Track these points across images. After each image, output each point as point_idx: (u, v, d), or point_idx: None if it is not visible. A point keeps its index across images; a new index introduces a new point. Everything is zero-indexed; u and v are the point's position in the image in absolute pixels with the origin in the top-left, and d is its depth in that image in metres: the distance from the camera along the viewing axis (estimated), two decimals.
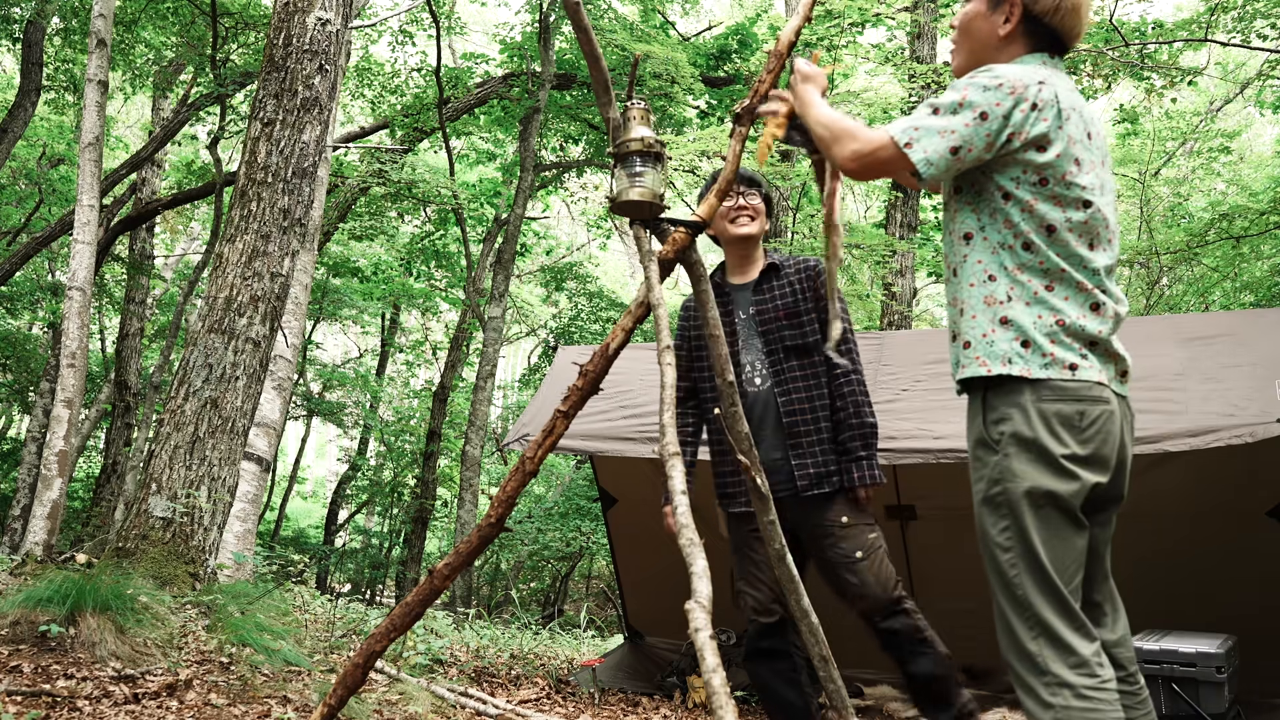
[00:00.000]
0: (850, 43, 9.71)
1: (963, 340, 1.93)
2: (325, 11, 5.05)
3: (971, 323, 1.92)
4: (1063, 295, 1.87)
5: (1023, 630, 1.80)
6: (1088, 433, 1.84)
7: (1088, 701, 1.74)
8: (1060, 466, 1.82)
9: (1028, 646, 1.79)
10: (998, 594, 1.84)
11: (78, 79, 11.96)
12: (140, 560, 4.21)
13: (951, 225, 1.97)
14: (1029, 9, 1.95)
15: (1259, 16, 8.65)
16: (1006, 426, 1.84)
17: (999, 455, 1.84)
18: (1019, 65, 1.92)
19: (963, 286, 1.94)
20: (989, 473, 1.86)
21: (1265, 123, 15.88)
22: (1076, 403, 1.84)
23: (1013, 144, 1.84)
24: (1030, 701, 1.78)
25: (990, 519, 1.85)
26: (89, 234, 6.29)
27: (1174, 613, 4.21)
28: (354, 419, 18.06)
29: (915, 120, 1.88)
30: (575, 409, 2.24)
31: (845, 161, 1.91)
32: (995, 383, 1.88)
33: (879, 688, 4.91)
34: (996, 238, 1.90)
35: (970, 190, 1.94)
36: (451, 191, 11.62)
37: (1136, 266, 12.98)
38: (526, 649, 5.61)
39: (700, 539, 1.66)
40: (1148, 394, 4.06)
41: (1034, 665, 1.78)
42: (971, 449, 1.92)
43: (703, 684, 1.54)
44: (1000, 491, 1.83)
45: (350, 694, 2.31)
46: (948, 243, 1.99)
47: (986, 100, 1.83)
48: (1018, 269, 1.88)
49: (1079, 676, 1.76)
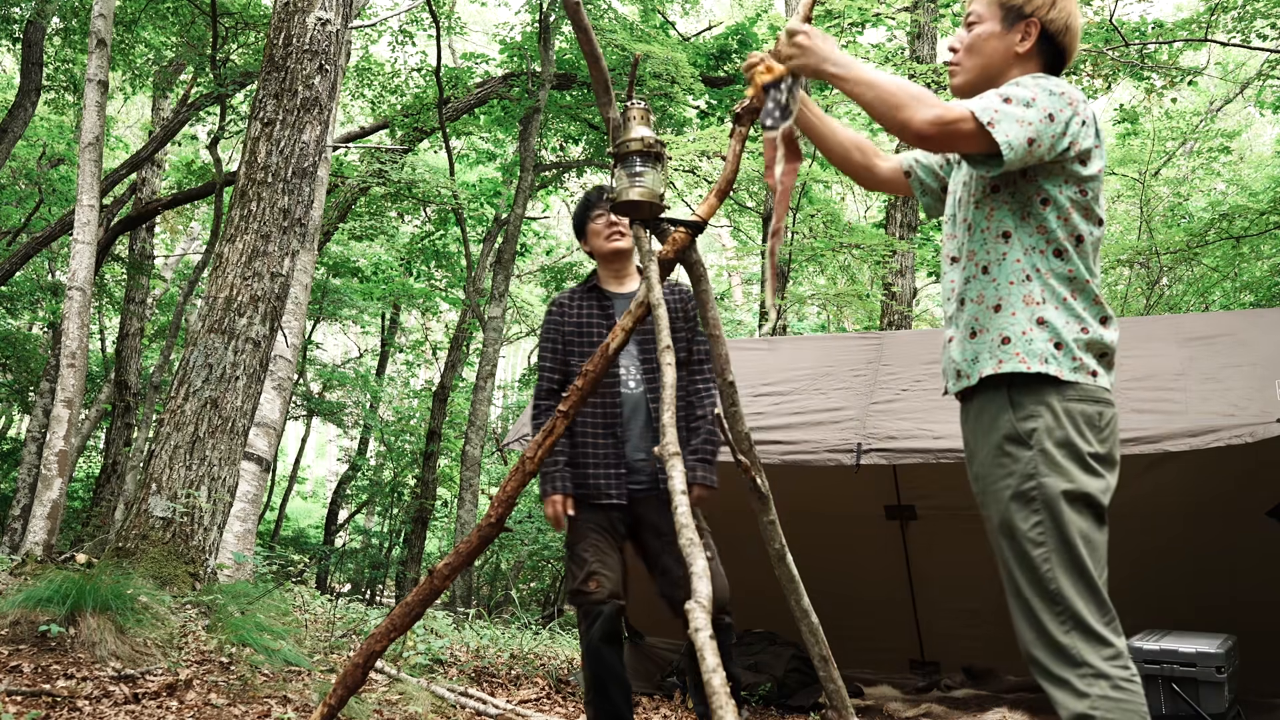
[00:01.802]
0: (850, 43, 9.71)
1: (999, 336, 1.94)
2: (325, 11, 5.05)
3: (1011, 319, 1.93)
4: (1083, 305, 1.93)
5: (1054, 624, 1.80)
6: (1105, 433, 1.91)
7: (1123, 692, 1.75)
8: (1089, 465, 1.86)
9: (1060, 640, 1.78)
10: (1024, 588, 1.85)
11: (78, 79, 11.96)
12: (140, 560, 4.21)
13: (986, 223, 1.98)
14: (1046, 28, 1.99)
15: (1259, 16, 8.65)
16: (1039, 424, 1.87)
17: (1033, 451, 1.86)
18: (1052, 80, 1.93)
19: (1001, 284, 1.95)
20: (1021, 468, 1.86)
21: (1265, 123, 15.88)
22: (1095, 404, 1.90)
23: (1069, 152, 1.87)
24: (1063, 693, 1.77)
25: (1021, 514, 1.85)
26: (89, 234, 6.29)
27: (1174, 613, 4.21)
28: (354, 419, 18.06)
29: (992, 104, 1.85)
30: (575, 409, 2.24)
31: (924, 125, 1.84)
32: (1023, 381, 1.90)
33: (879, 688, 4.91)
34: (1029, 240, 1.93)
35: (1007, 190, 1.95)
36: (451, 191, 11.62)
37: (1136, 266, 12.97)
38: (526, 649, 5.61)
39: (701, 538, 1.66)
40: (1148, 394, 4.06)
41: (1068, 657, 1.77)
42: (996, 445, 1.92)
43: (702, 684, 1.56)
44: (1035, 486, 1.85)
45: (350, 694, 2.31)
46: (979, 240, 2.00)
47: (1053, 104, 1.85)
48: (1049, 274, 1.92)
49: (1115, 668, 1.76)
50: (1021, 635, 1.85)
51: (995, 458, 1.91)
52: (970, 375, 1.97)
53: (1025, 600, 1.84)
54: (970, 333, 1.98)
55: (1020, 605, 1.86)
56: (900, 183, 2.30)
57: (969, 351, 1.98)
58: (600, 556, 2.91)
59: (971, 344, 1.98)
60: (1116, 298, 13.94)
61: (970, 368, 1.98)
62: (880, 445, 4.24)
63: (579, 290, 3.19)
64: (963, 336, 2.00)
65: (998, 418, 1.92)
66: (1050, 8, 1.98)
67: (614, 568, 2.92)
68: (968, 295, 2.01)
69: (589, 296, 3.15)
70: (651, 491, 2.98)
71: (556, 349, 3.11)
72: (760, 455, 2.47)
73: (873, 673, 5.01)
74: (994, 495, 1.91)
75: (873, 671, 5.02)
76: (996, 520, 1.90)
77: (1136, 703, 1.75)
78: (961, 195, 2.07)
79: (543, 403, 3.10)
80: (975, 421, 1.99)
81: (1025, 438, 1.87)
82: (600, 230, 3.14)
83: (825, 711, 4.36)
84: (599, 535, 2.94)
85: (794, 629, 2.68)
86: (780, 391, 4.88)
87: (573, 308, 3.13)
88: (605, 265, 3.19)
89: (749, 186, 11.52)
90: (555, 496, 2.90)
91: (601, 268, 3.21)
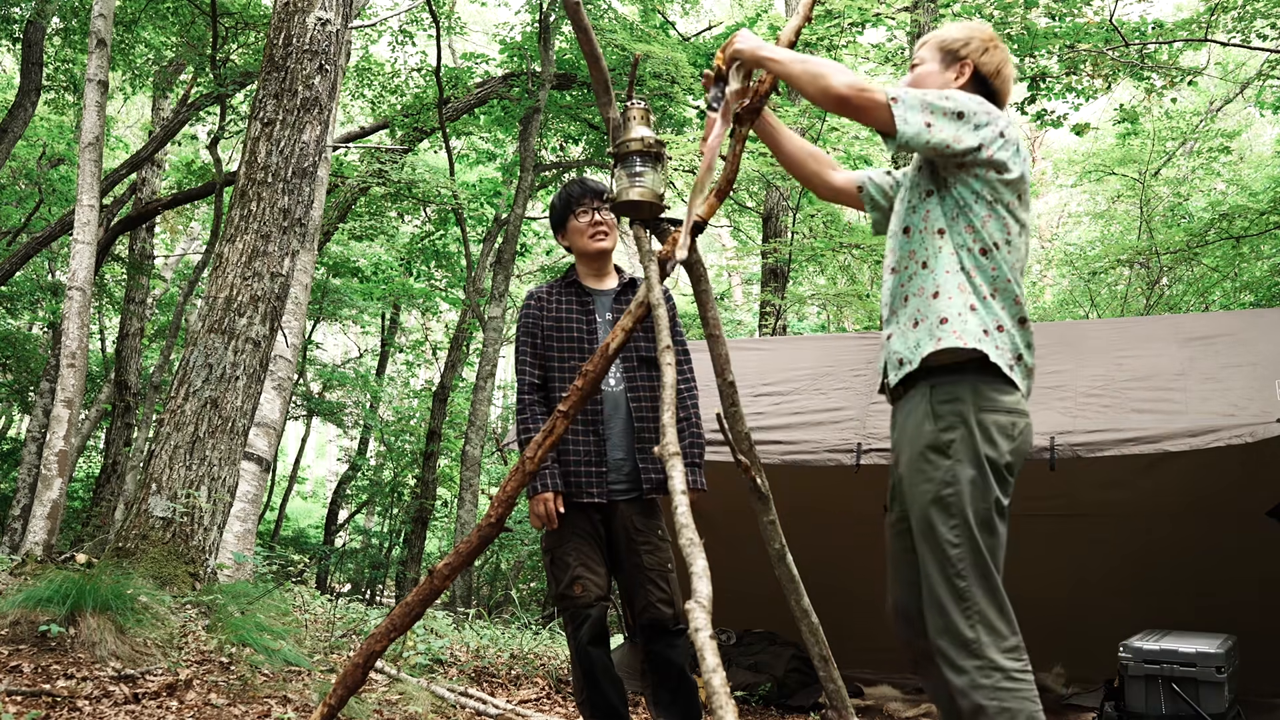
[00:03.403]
0: (850, 43, 9.71)
1: (937, 318, 2.11)
2: (325, 11, 5.05)
3: (948, 303, 2.11)
4: (1001, 304, 2.12)
5: (961, 619, 2.00)
6: (1015, 443, 2.10)
7: (1016, 683, 1.97)
8: (1001, 475, 2.07)
9: (966, 634, 1.99)
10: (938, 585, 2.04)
11: (78, 79, 11.95)
12: (140, 560, 4.21)
13: (924, 224, 2.20)
14: (978, 69, 2.25)
15: (1259, 16, 8.65)
16: (956, 435, 2.06)
17: (950, 461, 2.06)
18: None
19: (938, 274, 2.14)
20: (941, 475, 2.06)
21: (1265, 123, 15.87)
22: (1009, 414, 2.09)
23: (979, 155, 2.10)
24: (961, 680, 1.97)
25: (941, 517, 2.05)
26: (89, 234, 6.29)
27: (1174, 613, 4.21)
28: (354, 419, 18.04)
29: (908, 93, 2.11)
30: (575, 409, 2.24)
31: (843, 87, 2.10)
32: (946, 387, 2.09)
33: (879, 688, 4.91)
34: (958, 239, 2.14)
35: (939, 192, 2.18)
36: (451, 191, 11.61)
37: (1136, 266, 12.96)
38: (526, 649, 5.61)
39: (700, 539, 1.66)
40: (1148, 394, 4.06)
41: (970, 651, 1.98)
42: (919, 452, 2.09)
43: (703, 684, 1.55)
44: (953, 494, 2.04)
45: (350, 694, 2.31)
46: (918, 239, 2.20)
47: (968, 106, 2.10)
48: (974, 270, 2.13)
49: (1010, 660, 1.98)
50: (931, 625, 2.05)
51: (917, 463, 2.09)
52: (912, 360, 2.13)
53: (938, 596, 2.03)
54: (913, 323, 2.15)
55: (933, 599, 2.05)
56: (852, 195, 2.49)
57: (911, 339, 2.15)
58: (584, 560, 2.88)
59: (914, 332, 2.15)
60: (1116, 298, 13.94)
61: (913, 353, 2.13)
62: (880, 445, 4.24)
63: (557, 285, 3.13)
64: (905, 328, 2.17)
65: (921, 425, 2.10)
66: (982, 53, 2.26)
67: (598, 570, 2.90)
68: (910, 292, 2.19)
69: (568, 291, 3.10)
70: (629, 494, 2.95)
71: (535, 344, 3.05)
72: (760, 455, 2.48)
73: (873, 673, 5.01)
74: (916, 496, 2.09)
75: (873, 671, 5.02)
76: (916, 520, 2.09)
77: (1028, 691, 1.97)
78: (901, 209, 2.28)
79: (527, 397, 3.01)
80: (901, 425, 2.17)
81: (945, 448, 2.06)
82: (584, 229, 3.07)
83: (825, 711, 4.36)
84: (581, 538, 2.91)
85: (794, 629, 2.68)
86: (780, 391, 4.87)
87: (551, 302, 3.07)
88: (586, 263, 3.14)
89: (749, 186, 11.51)
90: (546, 494, 2.85)
91: (581, 264, 3.15)
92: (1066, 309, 15.25)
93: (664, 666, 2.89)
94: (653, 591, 2.88)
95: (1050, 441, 3.81)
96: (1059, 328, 6.25)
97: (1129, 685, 3.69)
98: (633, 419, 2.98)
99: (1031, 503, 4.18)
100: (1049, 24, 9.00)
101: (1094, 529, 4.78)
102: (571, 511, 2.89)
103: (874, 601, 5.19)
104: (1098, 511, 4.77)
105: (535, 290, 3.13)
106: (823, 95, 2.13)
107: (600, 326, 3.06)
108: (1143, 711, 3.64)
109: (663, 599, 2.87)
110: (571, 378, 2.82)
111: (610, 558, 2.97)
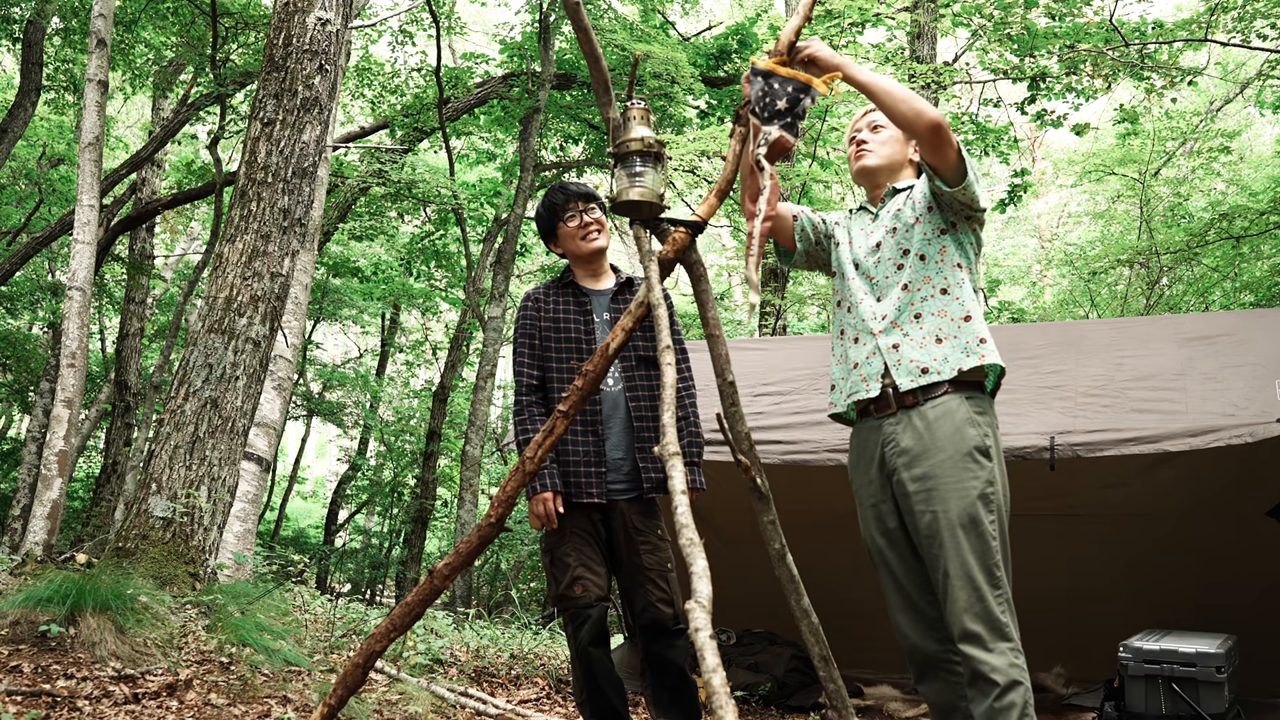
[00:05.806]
0: (850, 43, 9.71)
1: (976, 338, 2.39)
2: (325, 11, 5.05)
3: (980, 326, 2.40)
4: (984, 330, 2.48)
5: (995, 604, 2.25)
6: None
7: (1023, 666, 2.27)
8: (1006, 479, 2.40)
9: (1000, 617, 2.24)
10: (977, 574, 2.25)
11: (78, 79, 11.95)
12: (140, 560, 4.21)
13: (940, 256, 2.46)
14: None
15: (1259, 16, 8.64)
16: (991, 442, 2.35)
17: (992, 463, 2.32)
18: None
19: (965, 301, 2.42)
20: (986, 475, 2.31)
21: (1265, 123, 15.87)
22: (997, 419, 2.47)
23: (982, 215, 2.45)
24: (996, 659, 2.21)
25: (985, 512, 2.29)
26: (89, 234, 6.29)
27: (1174, 613, 4.21)
28: (354, 419, 18.03)
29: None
30: (575, 409, 2.24)
31: (938, 118, 2.30)
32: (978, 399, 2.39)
33: (879, 688, 4.91)
34: (966, 274, 2.45)
35: (952, 232, 2.47)
36: (451, 191, 11.61)
37: (1136, 266, 12.96)
38: (526, 649, 5.61)
39: (700, 539, 1.66)
40: (1148, 394, 4.06)
41: (1002, 633, 2.23)
42: (964, 453, 2.31)
43: (703, 684, 1.54)
44: (994, 492, 2.32)
45: (350, 694, 2.31)
46: (934, 267, 2.45)
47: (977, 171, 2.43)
48: (973, 300, 2.44)
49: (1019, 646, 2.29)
50: (961, 615, 2.25)
51: (961, 463, 2.31)
52: (942, 371, 2.36)
53: (976, 584, 2.24)
54: (936, 339, 2.39)
55: (969, 587, 2.24)
56: (784, 221, 2.69)
57: (936, 352, 2.38)
58: (583, 560, 2.88)
59: (938, 348, 2.38)
60: (1116, 298, 13.93)
61: (942, 365, 2.36)
62: None
63: (554, 285, 3.13)
64: (922, 341, 2.39)
65: (963, 430, 2.33)
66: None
67: (598, 570, 2.89)
68: (927, 310, 2.42)
69: (565, 292, 3.10)
70: (628, 494, 2.95)
71: (534, 344, 3.04)
72: (760, 455, 2.47)
73: (873, 673, 5.01)
74: (957, 493, 2.29)
75: (873, 671, 5.01)
76: (956, 513, 2.28)
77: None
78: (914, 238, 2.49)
79: (525, 398, 3.01)
80: (929, 429, 2.35)
81: (986, 451, 2.34)
82: (574, 232, 3.07)
83: (825, 711, 4.36)
84: (581, 538, 2.90)
85: (794, 629, 2.68)
86: (780, 391, 4.87)
87: (548, 303, 3.07)
88: (582, 264, 3.14)
89: None
90: (545, 494, 2.85)
91: (577, 266, 3.15)
92: (1066, 309, 15.24)
93: (664, 666, 2.89)
94: (652, 591, 2.88)
95: (1050, 441, 3.81)
96: (1059, 328, 6.24)
97: (1129, 685, 3.69)
98: (632, 419, 2.98)
99: (1031, 503, 4.19)
100: (1049, 24, 9.00)
101: (1094, 529, 4.78)
102: (571, 511, 2.89)
103: (874, 601, 5.19)
104: (1098, 511, 4.77)
105: (532, 291, 3.14)
106: (917, 117, 2.29)
107: (598, 326, 3.06)
108: (1143, 711, 3.64)
109: (662, 599, 2.87)
110: (570, 378, 2.83)
111: (610, 558, 2.97)
